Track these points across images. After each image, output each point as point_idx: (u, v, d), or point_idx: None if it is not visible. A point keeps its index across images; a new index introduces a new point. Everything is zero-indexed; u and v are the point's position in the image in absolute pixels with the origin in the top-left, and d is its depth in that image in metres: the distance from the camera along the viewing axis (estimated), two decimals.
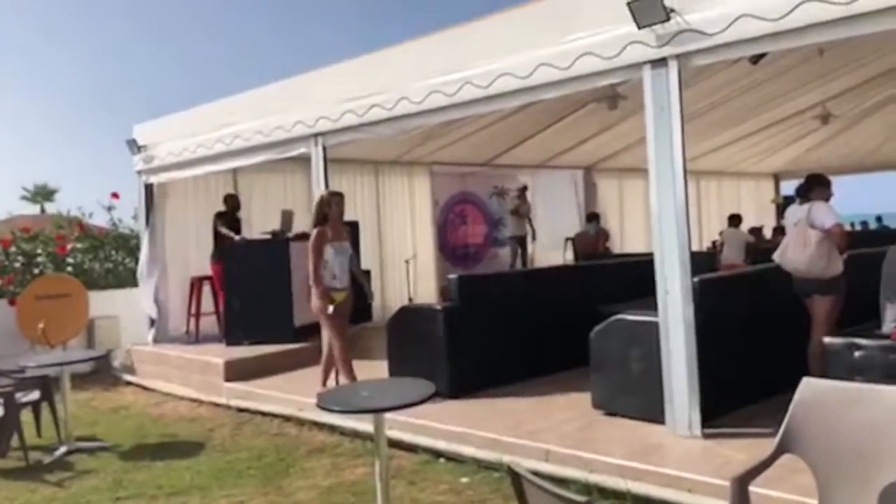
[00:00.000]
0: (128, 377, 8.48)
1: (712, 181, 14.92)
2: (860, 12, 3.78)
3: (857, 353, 4.20)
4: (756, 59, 6.85)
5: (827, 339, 4.46)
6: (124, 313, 9.35)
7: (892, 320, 4.39)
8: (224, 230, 8.72)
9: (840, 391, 2.65)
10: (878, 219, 17.14)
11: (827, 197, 5.22)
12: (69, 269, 9.85)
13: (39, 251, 9.77)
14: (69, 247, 10.00)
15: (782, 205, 15.35)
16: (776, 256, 5.17)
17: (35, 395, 5.81)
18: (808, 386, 2.67)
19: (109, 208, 10.58)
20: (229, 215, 8.97)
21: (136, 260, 9.38)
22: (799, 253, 4.97)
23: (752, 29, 4.15)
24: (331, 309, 5.81)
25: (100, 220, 10.85)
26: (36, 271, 9.57)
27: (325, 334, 6.20)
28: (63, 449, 5.58)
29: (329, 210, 5.98)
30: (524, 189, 12.22)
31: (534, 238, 12.13)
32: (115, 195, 10.57)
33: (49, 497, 4.70)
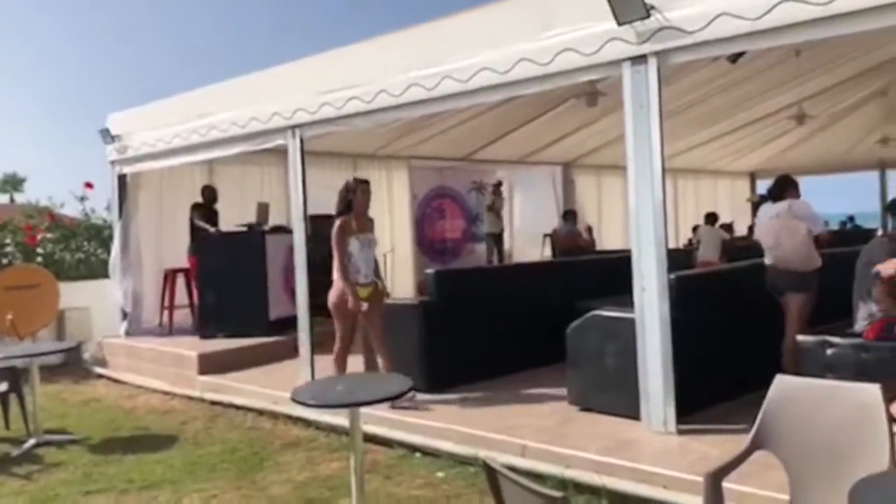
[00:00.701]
0: (99, 370, 8.36)
1: (689, 179, 15.04)
2: (837, 13, 3.81)
3: (829, 351, 4.25)
4: (734, 59, 6.91)
5: (800, 337, 4.53)
6: (96, 305, 9.21)
7: (864, 319, 4.45)
8: (200, 222, 8.62)
9: (812, 388, 2.68)
10: (851, 219, 17.41)
11: (797, 197, 5.31)
12: (39, 259, 9.68)
13: (8, 241, 9.59)
14: (39, 237, 9.82)
15: (758, 203, 15.53)
16: (770, 254, 5.20)
17: (3, 386, 5.71)
18: (782, 383, 2.70)
19: (82, 198, 10.42)
20: (206, 207, 8.87)
21: (109, 251, 9.24)
22: (790, 242, 5.06)
23: (730, 27, 4.17)
24: (365, 306, 5.32)
25: (72, 210, 10.68)
26: (4, 261, 9.40)
27: (337, 327, 5.53)
28: (32, 441, 5.48)
29: (354, 198, 5.52)
30: (499, 185, 12.23)
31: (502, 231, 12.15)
32: (88, 185, 10.42)
33: (17, 490, 4.61)
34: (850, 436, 2.45)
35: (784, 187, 5.33)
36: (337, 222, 5.46)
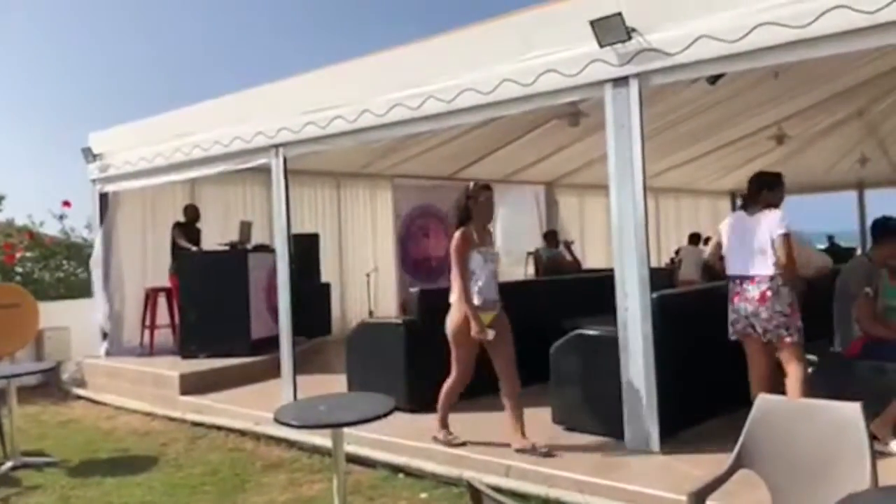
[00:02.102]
0: (78, 391, 8.24)
1: (670, 199, 15.17)
2: (815, 36, 3.88)
3: (810, 370, 4.28)
4: (714, 80, 7.00)
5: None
6: (75, 325, 9.09)
7: (845, 338, 4.49)
8: (182, 241, 8.57)
9: (794, 407, 2.70)
10: (830, 238, 17.61)
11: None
12: (17, 278, 9.56)
13: None
14: (18, 255, 9.71)
15: None
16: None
17: None
18: (764, 402, 2.72)
19: (61, 217, 10.34)
20: (188, 226, 8.83)
21: (89, 270, 9.15)
22: None
23: (710, 50, 4.24)
24: (491, 334, 4.67)
25: (51, 228, 10.59)
26: None
27: (454, 359, 4.97)
28: (9, 464, 5.39)
29: (475, 206, 4.79)
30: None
31: None
32: (66, 203, 10.35)
33: None
34: (831, 454, 2.47)
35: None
36: (456, 234, 4.75)
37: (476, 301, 4.69)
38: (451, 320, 4.81)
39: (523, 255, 12.52)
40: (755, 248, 4.30)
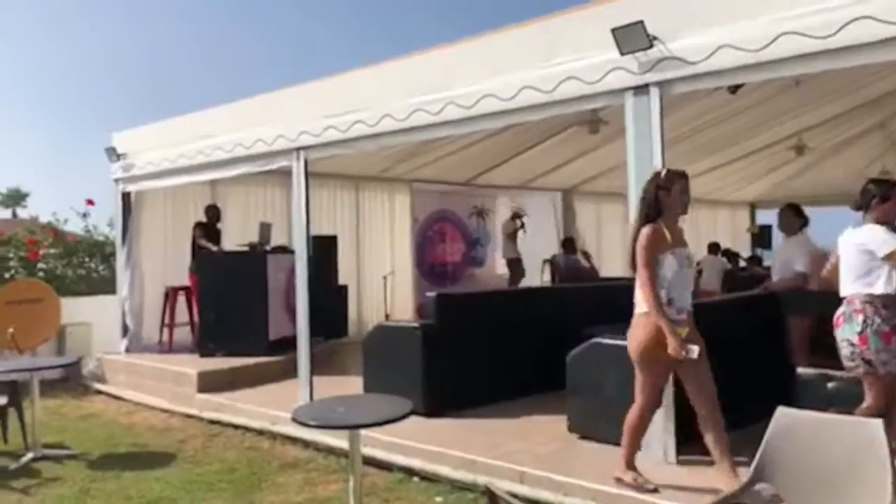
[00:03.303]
0: (98, 385, 8.35)
1: (689, 208, 15.07)
2: (838, 46, 3.87)
3: (830, 385, 4.26)
4: (734, 89, 6.99)
5: (800, 370, 4.53)
6: (96, 321, 9.22)
7: None
8: (203, 241, 8.67)
9: (815, 422, 2.69)
10: None
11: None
12: (41, 274, 9.71)
13: (11, 255, 9.62)
14: (42, 252, 9.86)
15: (758, 234, 15.58)
16: None
17: (2, 400, 5.70)
18: (783, 416, 2.71)
19: (84, 215, 10.49)
20: (209, 226, 8.93)
21: (111, 267, 9.27)
22: None
23: (732, 59, 4.23)
24: (695, 352, 3.82)
25: (74, 226, 10.74)
26: (7, 276, 9.42)
27: (640, 382, 4.09)
28: (30, 455, 5.47)
29: (667, 198, 3.97)
30: (517, 215, 12.28)
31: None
32: (90, 202, 10.48)
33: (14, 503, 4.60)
34: (851, 470, 2.46)
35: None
36: (645, 231, 3.89)
37: (675, 313, 3.88)
38: (636, 338, 3.93)
39: (539, 261, 12.53)
40: (846, 266, 4.14)
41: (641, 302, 3.92)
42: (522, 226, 12.22)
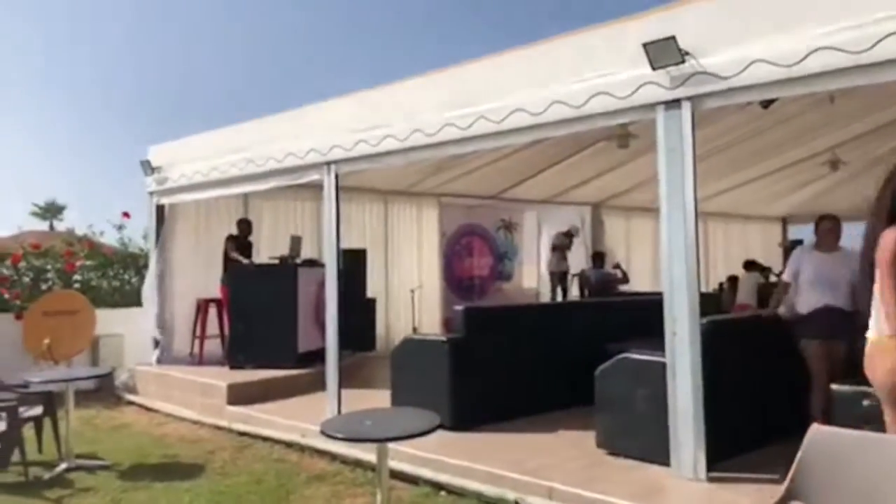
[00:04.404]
0: (130, 396, 8.47)
1: (719, 223, 14.93)
2: (873, 62, 3.83)
3: (865, 402, 4.17)
4: (767, 104, 6.92)
5: (834, 387, 4.45)
6: (129, 332, 9.37)
7: None
8: (234, 254, 8.78)
9: (849, 439, 2.64)
10: None
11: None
12: (77, 285, 9.90)
13: (48, 267, 9.83)
14: (78, 264, 10.06)
15: (789, 248, 15.34)
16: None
17: (38, 410, 5.80)
18: (817, 433, 2.66)
19: (120, 227, 10.70)
20: (241, 239, 9.04)
21: (143, 279, 9.42)
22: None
23: (765, 74, 4.21)
24: None
25: (110, 238, 10.95)
26: (44, 287, 9.62)
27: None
28: (63, 465, 5.56)
29: None
30: (570, 234, 12.32)
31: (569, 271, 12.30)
32: (125, 214, 10.69)
33: None
34: (887, 489, 2.41)
35: None
36: (889, 235, 3.07)
37: None
38: (883, 367, 3.04)
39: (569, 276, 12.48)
40: None
41: (883, 321, 3.05)
42: (570, 245, 12.25)
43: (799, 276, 5.25)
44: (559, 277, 12.13)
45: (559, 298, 11.85)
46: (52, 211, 50.25)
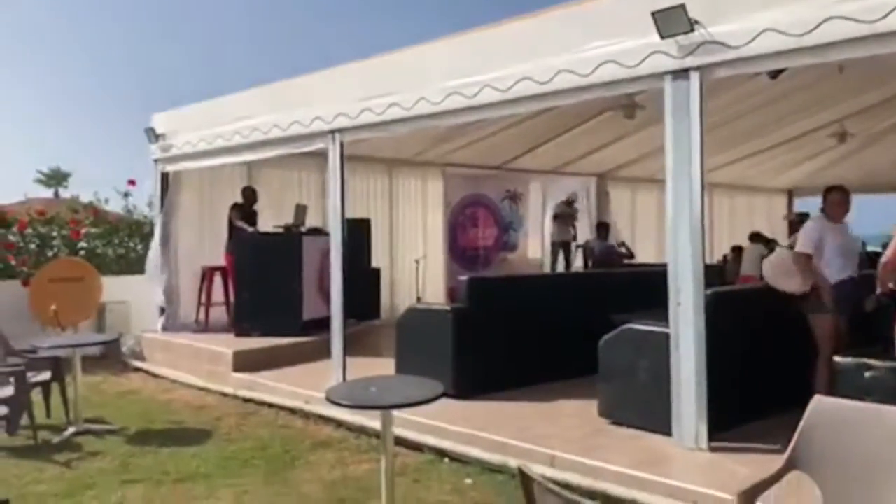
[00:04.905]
0: (136, 363, 8.54)
1: (724, 195, 14.88)
2: (886, 31, 3.78)
3: (867, 374, 4.20)
4: (775, 74, 6.84)
5: (837, 359, 4.46)
6: (135, 299, 9.41)
7: None
8: (239, 222, 8.79)
9: (851, 410, 2.66)
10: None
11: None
12: (82, 253, 9.93)
13: (54, 234, 9.85)
14: (83, 231, 10.08)
15: (795, 221, 15.30)
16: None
17: (46, 375, 5.87)
18: (819, 404, 2.68)
19: (126, 195, 10.70)
20: (245, 207, 9.04)
21: (148, 247, 9.44)
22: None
23: (775, 43, 4.16)
24: None
25: (115, 206, 10.95)
26: (50, 254, 9.66)
27: None
28: (72, 430, 5.64)
29: None
30: (571, 201, 12.26)
31: (575, 240, 12.25)
32: (131, 182, 10.69)
33: (56, 476, 4.74)
34: (888, 459, 2.43)
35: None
36: None
37: None
38: None
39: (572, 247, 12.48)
40: None
41: None
42: (575, 213, 12.20)
43: (824, 248, 5.06)
44: (561, 247, 12.11)
45: (560, 269, 11.85)
46: (57, 178, 50.19)
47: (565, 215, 12.13)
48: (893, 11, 3.72)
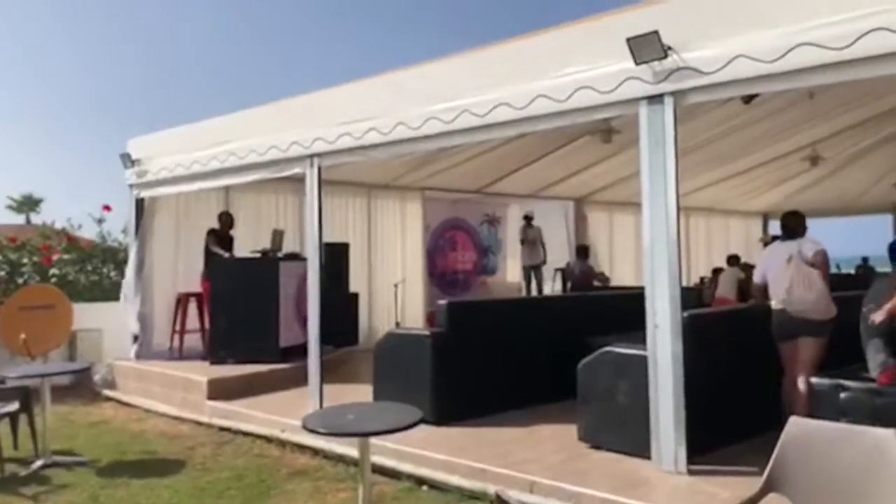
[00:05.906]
0: (108, 392, 8.37)
1: (701, 218, 15.06)
2: (853, 58, 3.86)
3: (843, 395, 4.22)
4: (748, 99, 6.97)
5: (814, 380, 4.49)
6: (108, 327, 9.25)
7: (879, 364, 4.41)
8: (215, 248, 8.70)
9: (827, 431, 2.66)
10: (865, 260, 17.31)
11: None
12: (53, 279, 9.76)
13: (25, 261, 9.69)
14: (55, 258, 9.92)
15: (770, 243, 15.52)
16: (779, 300, 5.05)
17: (14, 406, 5.71)
18: (796, 425, 2.69)
19: (100, 220, 10.57)
20: (222, 233, 8.96)
21: (123, 273, 9.31)
22: (806, 293, 4.97)
23: (747, 69, 4.22)
24: None
25: (89, 232, 10.81)
26: (20, 281, 9.49)
27: None
28: (40, 462, 5.48)
29: None
30: (529, 218, 12.24)
31: (544, 262, 12.14)
32: (106, 207, 10.57)
33: None
34: (865, 480, 2.43)
35: (800, 223, 5.30)
36: None
37: None
38: None
39: (550, 270, 12.50)
40: None
41: None
42: (529, 226, 12.06)
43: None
44: (532, 270, 12.09)
45: (534, 293, 11.83)
46: (28, 204, 49.55)
47: (531, 239, 12.12)
48: (860, 38, 3.80)
